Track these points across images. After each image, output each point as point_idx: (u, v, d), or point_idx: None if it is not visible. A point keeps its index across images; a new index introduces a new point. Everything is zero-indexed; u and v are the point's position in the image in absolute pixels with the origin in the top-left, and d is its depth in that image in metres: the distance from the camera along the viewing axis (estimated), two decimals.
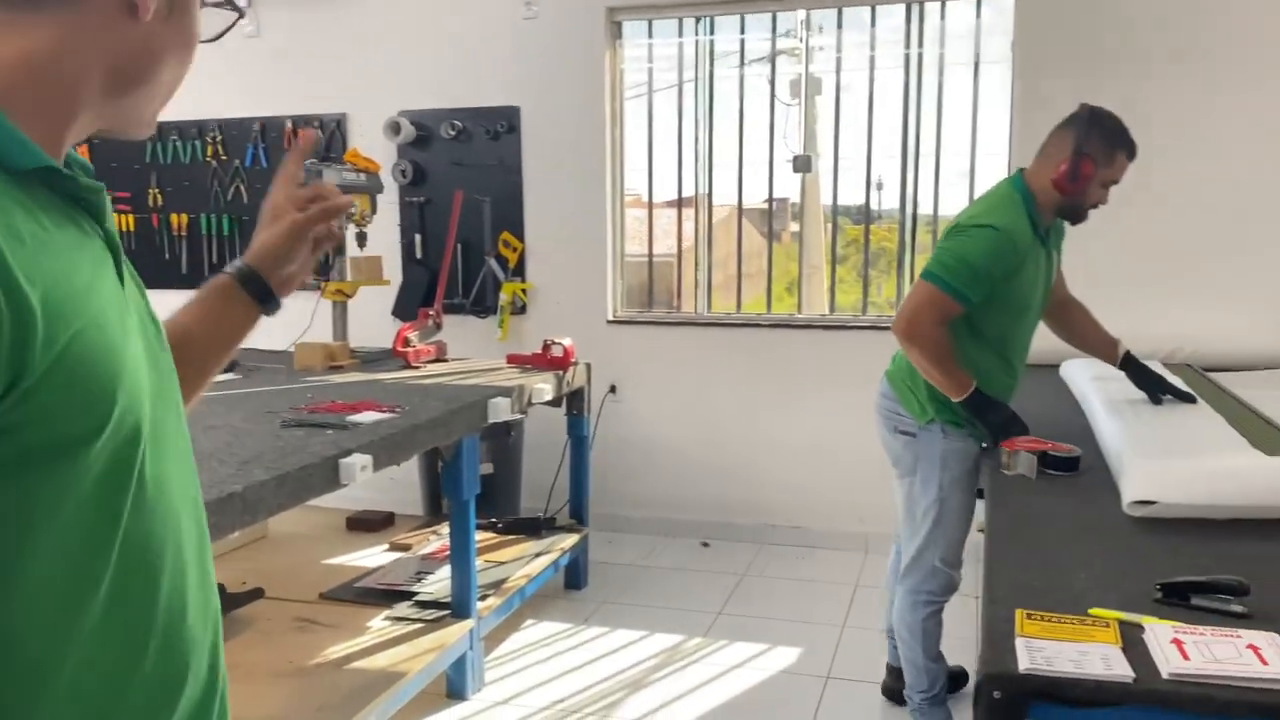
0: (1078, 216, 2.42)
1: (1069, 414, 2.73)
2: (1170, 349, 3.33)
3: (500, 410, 3.01)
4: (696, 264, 4.52)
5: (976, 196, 2.84)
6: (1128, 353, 2.59)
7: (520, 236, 4.52)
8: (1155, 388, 2.51)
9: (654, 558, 4.20)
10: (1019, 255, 2.31)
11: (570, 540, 3.70)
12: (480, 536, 3.63)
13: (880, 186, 4.32)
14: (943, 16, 4.09)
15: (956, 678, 2.92)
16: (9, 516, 0.64)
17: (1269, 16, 3.57)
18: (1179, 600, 1.38)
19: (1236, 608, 1.34)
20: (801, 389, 4.28)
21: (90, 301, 0.69)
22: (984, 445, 2.41)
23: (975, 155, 4.12)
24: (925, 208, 4.22)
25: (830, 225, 4.48)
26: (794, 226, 4.81)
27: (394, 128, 4.53)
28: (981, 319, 2.39)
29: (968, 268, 2.28)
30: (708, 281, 4.51)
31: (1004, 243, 2.28)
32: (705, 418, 4.39)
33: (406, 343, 3.64)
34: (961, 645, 3.22)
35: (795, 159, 4.28)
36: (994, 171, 4.09)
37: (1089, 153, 2.27)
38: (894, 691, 2.92)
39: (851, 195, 4.40)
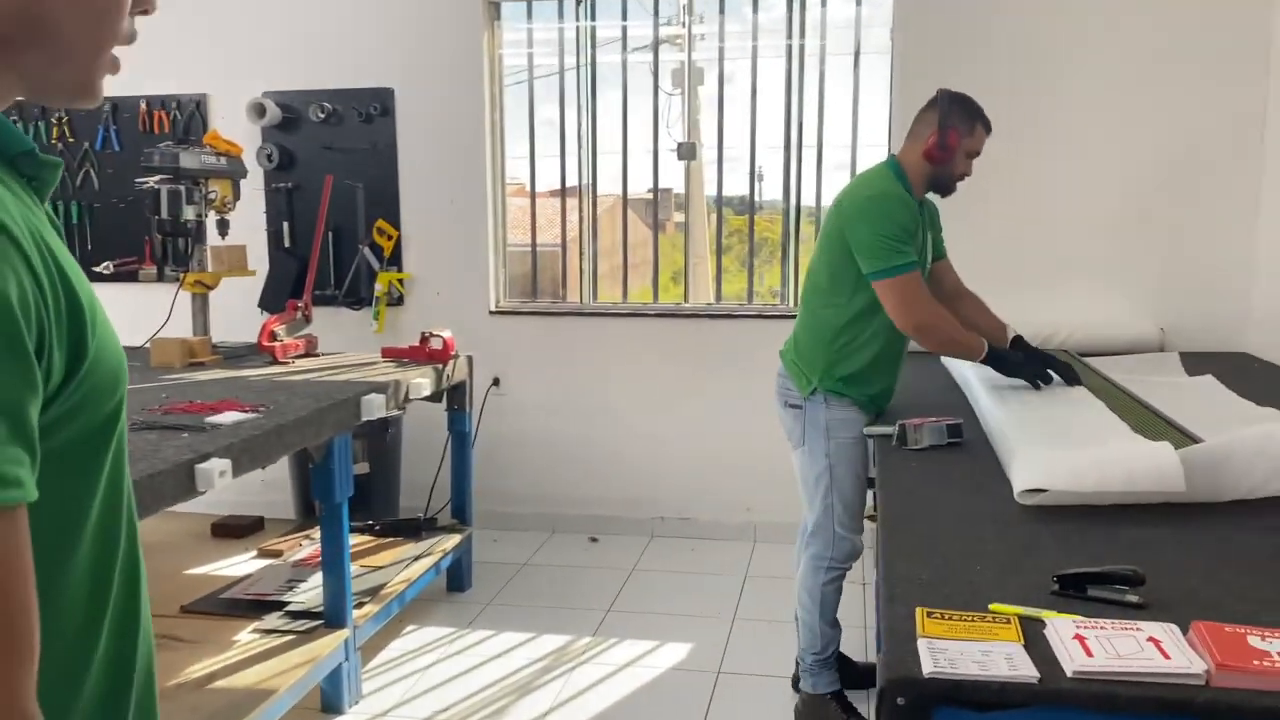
0: (947, 188, 2.60)
1: (955, 398, 2.74)
2: (1047, 334, 3.40)
3: (375, 407, 2.85)
4: (582, 253, 4.41)
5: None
6: (1017, 336, 2.71)
7: (396, 224, 4.33)
8: (1042, 369, 2.56)
9: (541, 555, 4.09)
10: (909, 210, 2.48)
11: (452, 541, 3.56)
12: (356, 540, 3.46)
13: (761, 178, 4.31)
14: (824, 5, 4.08)
15: (865, 674, 2.91)
16: (72, 495, 0.71)
17: (1138, 10, 3.67)
18: (1076, 592, 1.35)
19: (1132, 598, 1.32)
20: (689, 379, 4.23)
21: (87, 283, 0.72)
22: (880, 423, 2.50)
23: (856, 145, 4.14)
24: (808, 198, 4.22)
25: (715, 215, 4.43)
26: (678, 217, 4.77)
27: (258, 110, 4.27)
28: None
29: (890, 239, 2.41)
30: (593, 271, 4.42)
31: (895, 203, 2.46)
32: (592, 410, 4.30)
33: (273, 337, 3.43)
34: (856, 634, 3.23)
35: (680, 146, 4.23)
36: (875, 161, 4.12)
37: (953, 124, 2.50)
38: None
39: (735, 186, 4.38)
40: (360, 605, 2.95)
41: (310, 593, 2.98)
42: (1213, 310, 3.69)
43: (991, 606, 1.31)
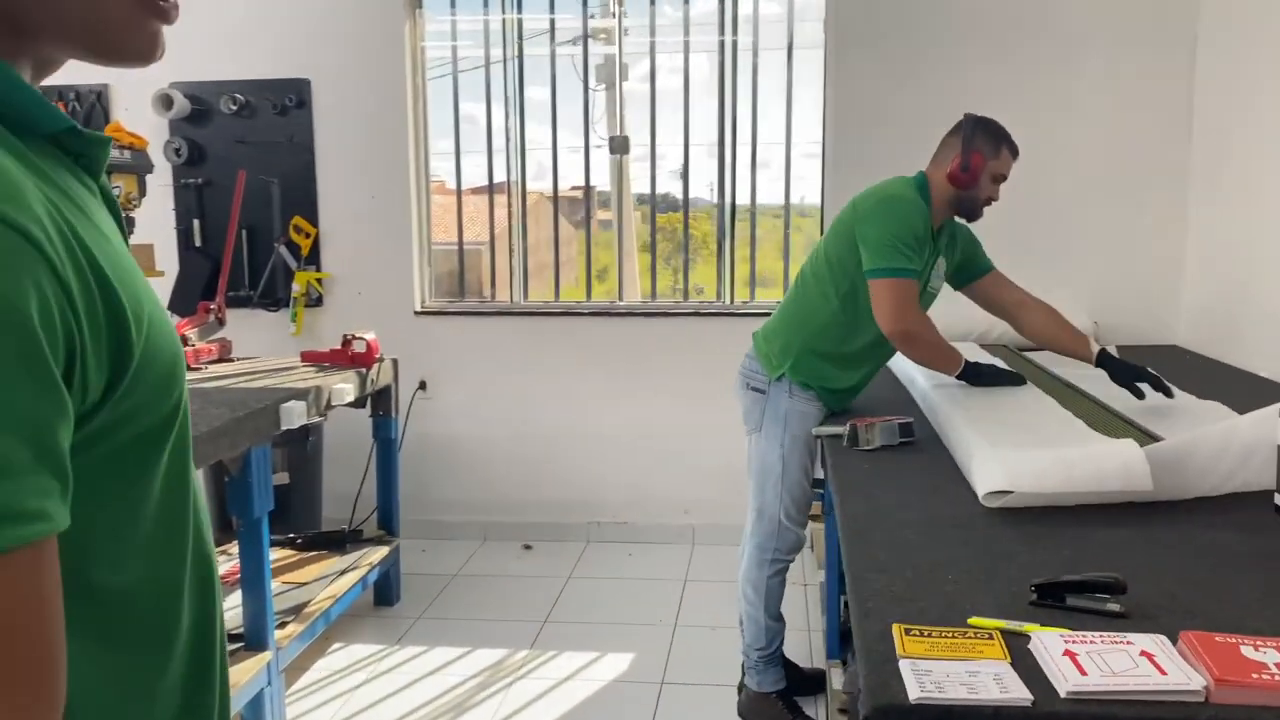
0: (973, 213, 2.53)
1: (899, 394, 2.69)
2: (983, 329, 3.38)
3: (294, 415, 2.68)
4: (511, 251, 4.27)
5: (793, 182, 2.90)
6: (1102, 350, 2.52)
7: (314, 221, 4.14)
8: (1132, 379, 2.42)
9: (473, 565, 3.95)
10: (926, 223, 2.42)
11: (379, 553, 3.39)
12: (277, 556, 3.28)
13: (683, 175, 4.21)
14: None
15: (818, 679, 2.86)
16: (128, 500, 0.67)
17: (1069, 7, 3.68)
18: (1054, 601, 1.28)
19: (1113, 606, 1.26)
20: (623, 379, 4.13)
21: (137, 275, 0.67)
22: (837, 419, 2.44)
23: (790, 142, 4.08)
24: (742, 196, 4.14)
25: (650, 212, 4.33)
26: (602, 215, 4.66)
27: (165, 101, 4.04)
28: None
29: (897, 242, 2.35)
30: (523, 269, 4.28)
31: (911, 208, 2.40)
32: (523, 413, 4.17)
33: (184, 341, 3.22)
34: (799, 637, 3.17)
35: (611, 140, 4.13)
36: (809, 158, 4.08)
37: (978, 148, 2.44)
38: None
39: (665, 183, 4.29)
40: (283, 625, 2.77)
41: (229, 613, 2.79)
42: (1144, 304, 3.72)
43: (971, 620, 1.23)
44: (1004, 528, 1.61)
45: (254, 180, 4.06)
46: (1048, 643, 1.14)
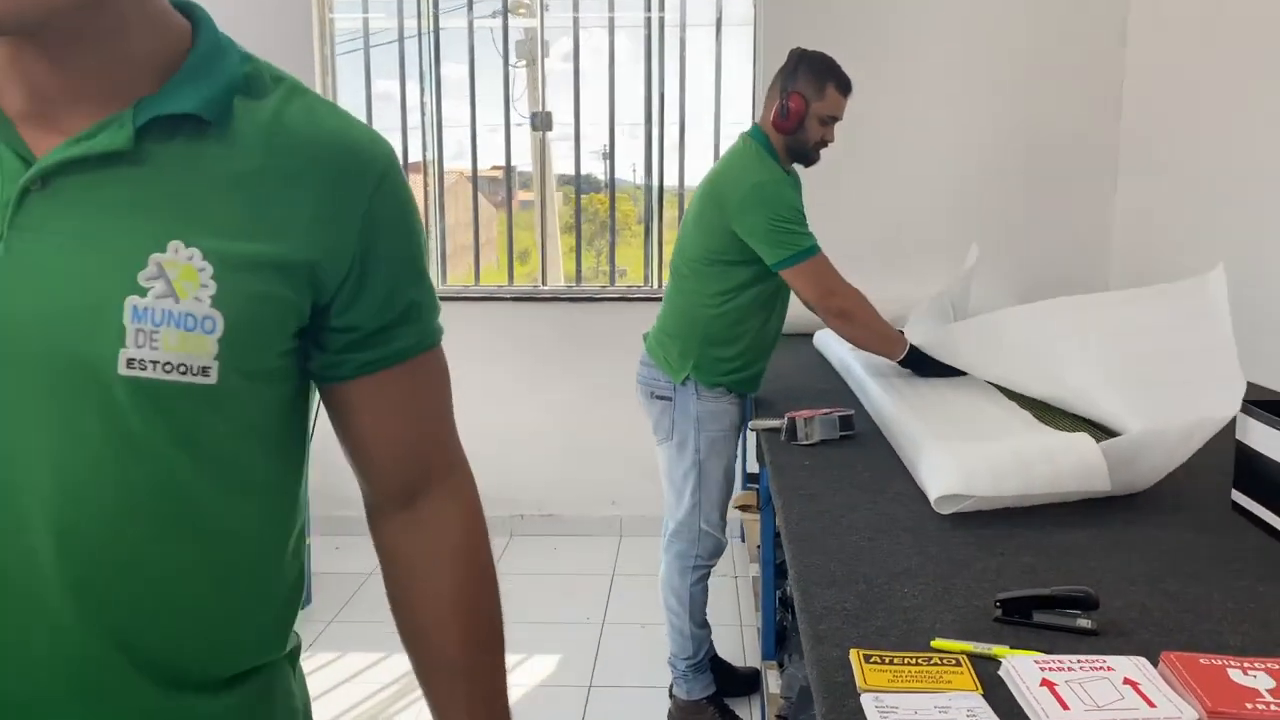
0: (806, 157, 2.42)
1: (834, 384, 2.59)
2: (909, 312, 3.31)
3: None
4: (429, 233, 4.07)
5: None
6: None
7: None
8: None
9: None
10: (794, 188, 2.35)
11: None
12: None
13: (608, 155, 4.06)
14: None
15: (749, 679, 2.77)
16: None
17: None
18: (1021, 618, 1.18)
19: (1084, 623, 1.16)
20: (547, 366, 3.97)
21: None
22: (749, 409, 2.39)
23: (720, 122, 3.95)
24: (670, 177, 4.00)
25: (574, 192, 4.17)
26: (523, 195, 4.48)
27: None
28: (756, 270, 2.35)
29: (787, 223, 2.25)
30: (440, 251, 4.08)
31: (781, 185, 2.31)
32: None
33: None
34: (731, 634, 3.07)
35: (534, 116, 3.95)
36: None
37: (797, 89, 2.32)
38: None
39: (589, 163, 4.13)
40: None
41: None
42: (1070, 286, 3.69)
43: (935, 643, 1.12)
44: (957, 530, 1.51)
45: None
46: (1022, 670, 1.03)
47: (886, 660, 1.08)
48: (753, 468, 2.60)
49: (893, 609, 1.23)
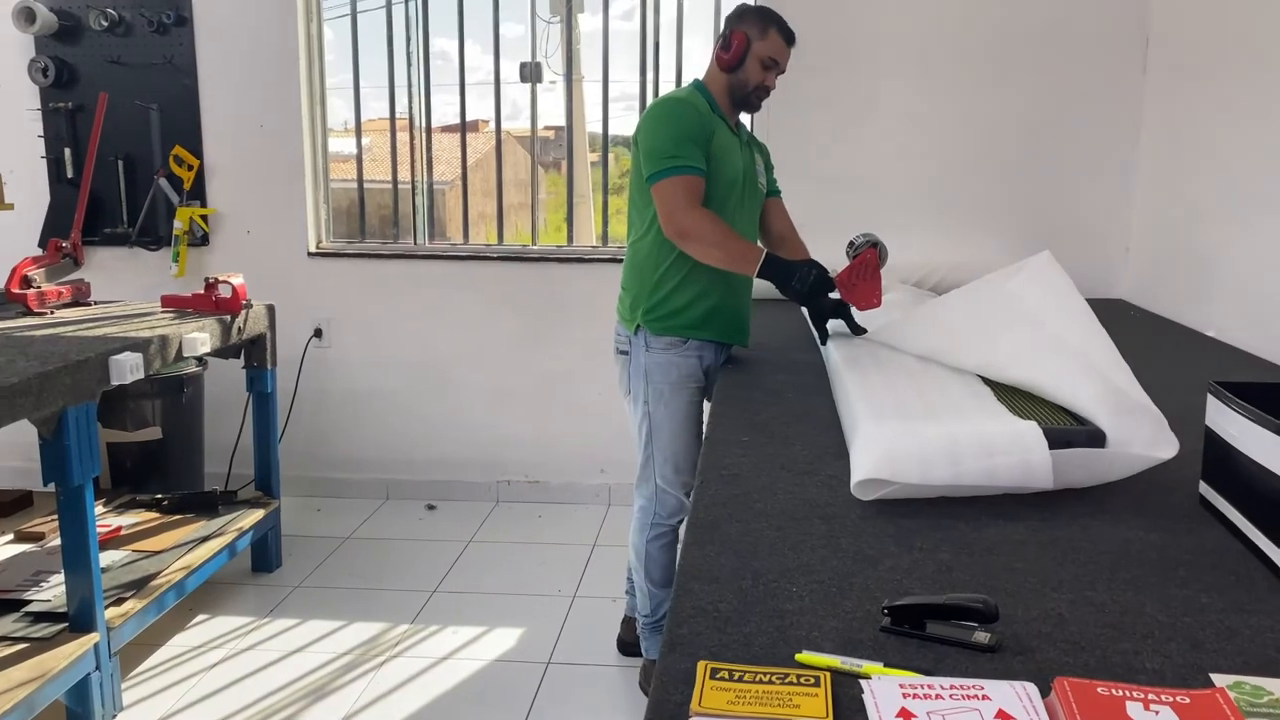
0: (748, 101, 2.36)
1: (811, 351, 2.43)
2: (921, 275, 3.14)
3: (127, 369, 2.37)
4: (415, 190, 3.94)
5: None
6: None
7: (197, 152, 3.77)
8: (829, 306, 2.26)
9: (369, 527, 3.67)
10: (702, 117, 2.24)
11: (254, 516, 3.11)
12: (137, 519, 2.99)
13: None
14: None
15: None
16: None
17: None
18: (911, 628, 1.02)
19: (982, 637, 1.00)
20: (537, 328, 3.84)
21: None
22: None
23: None
24: None
25: (616, 153, 4.00)
26: (561, 154, 4.32)
27: (26, 15, 3.63)
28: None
29: (668, 143, 2.19)
30: (428, 209, 3.95)
31: (681, 107, 2.24)
32: (429, 364, 3.87)
33: (26, 283, 2.89)
34: None
35: (523, 67, 3.77)
36: None
37: (742, 27, 2.29)
38: (625, 643, 2.76)
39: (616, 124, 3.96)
40: (120, 602, 2.49)
41: (60, 589, 2.51)
42: (1088, 256, 3.47)
43: (799, 656, 0.97)
44: (879, 520, 1.35)
45: (130, 106, 3.71)
46: (881, 695, 0.88)
47: (735, 676, 0.93)
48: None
49: (770, 612, 1.08)
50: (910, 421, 1.49)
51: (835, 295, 2.21)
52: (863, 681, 0.91)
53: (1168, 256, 3.19)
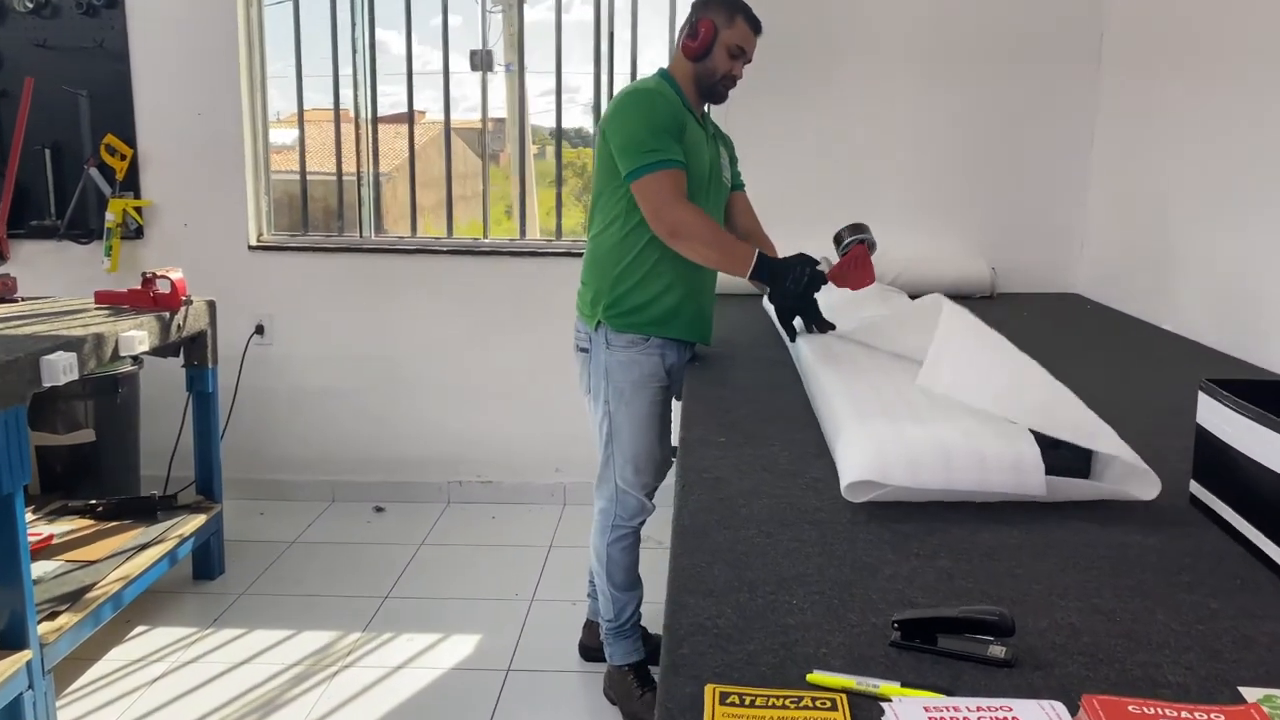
0: (714, 91, 2.29)
1: (778, 352, 2.39)
2: (878, 272, 3.10)
3: (60, 370, 2.24)
4: (361, 181, 3.81)
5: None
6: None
7: (130, 141, 3.60)
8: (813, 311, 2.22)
9: (316, 530, 3.55)
10: (675, 107, 2.18)
11: (195, 522, 2.97)
12: (72, 527, 2.85)
13: (593, 109, 3.81)
14: None
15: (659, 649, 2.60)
16: None
17: None
18: (923, 643, 0.98)
19: (998, 651, 0.96)
20: (488, 324, 3.74)
21: None
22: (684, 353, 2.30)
23: None
24: None
25: (561, 147, 3.91)
26: (508, 146, 4.22)
27: None
28: None
29: (645, 135, 2.12)
30: (374, 200, 3.83)
31: (650, 97, 2.17)
32: (376, 361, 3.75)
33: None
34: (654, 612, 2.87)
35: (473, 55, 3.67)
36: None
37: (709, 14, 2.24)
38: (587, 649, 2.69)
39: (577, 118, 3.90)
40: (53, 616, 2.36)
41: None
42: (1044, 251, 3.49)
43: (811, 677, 0.92)
44: (871, 525, 1.30)
45: (58, 92, 3.52)
46: (904, 714, 0.83)
47: (747, 700, 0.87)
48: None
49: (773, 628, 1.02)
50: (897, 422, 1.45)
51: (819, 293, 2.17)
52: (884, 704, 0.85)
53: (1122, 251, 3.22)
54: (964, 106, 3.42)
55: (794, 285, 2.11)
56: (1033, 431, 1.36)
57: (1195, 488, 1.37)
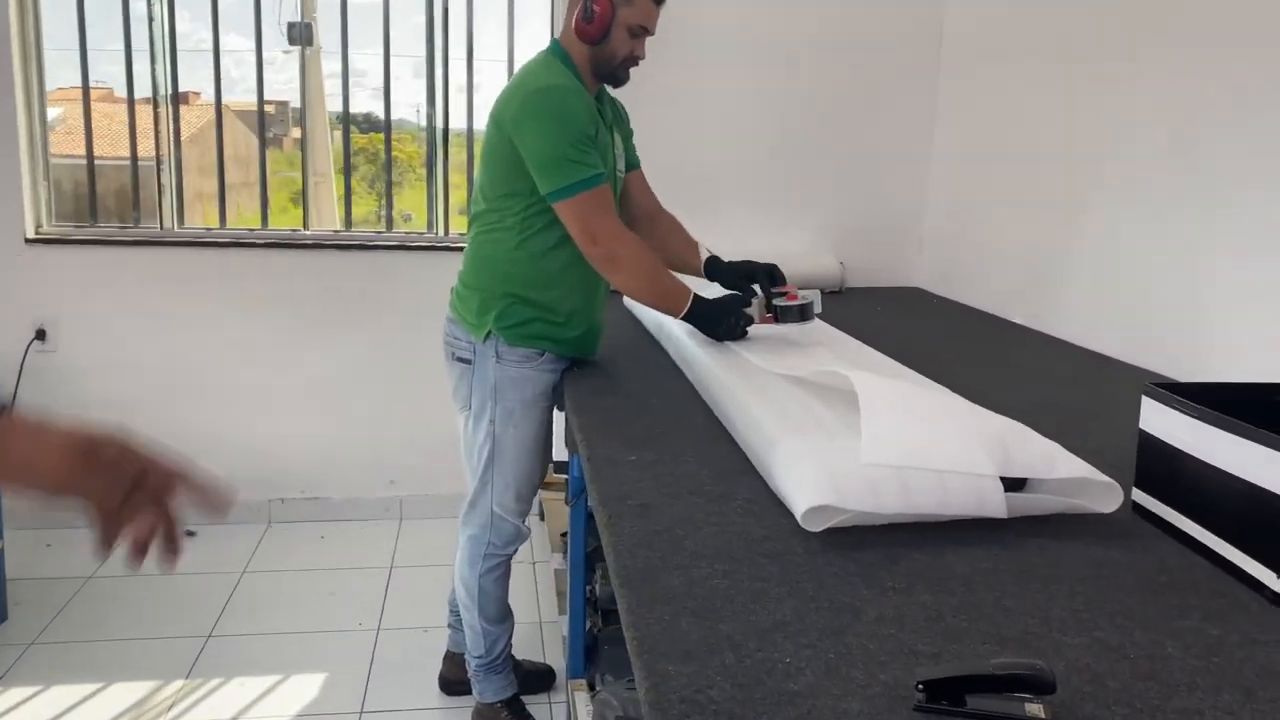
0: (614, 75, 2.07)
1: (652, 351, 2.25)
2: None
3: None
4: (160, 168, 3.38)
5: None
6: (712, 257, 2.22)
7: None
8: (745, 276, 2.14)
9: (114, 563, 3.11)
10: (586, 106, 1.96)
11: None
12: None
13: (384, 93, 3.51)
14: None
15: (542, 675, 2.46)
16: None
17: None
18: (950, 704, 0.85)
19: (1036, 709, 0.85)
20: (311, 324, 3.41)
21: None
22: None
23: (513, 61, 3.47)
24: (458, 119, 3.49)
25: (343, 131, 3.58)
26: (295, 132, 3.86)
27: None
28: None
29: (566, 148, 1.89)
30: (176, 189, 3.41)
31: (568, 96, 1.93)
32: (180, 369, 3.34)
33: None
34: (528, 631, 2.69)
35: (290, 27, 3.32)
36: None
37: None
38: (450, 682, 2.47)
39: (366, 102, 3.60)
40: None
41: None
42: (887, 246, 3.52)
43: None
44: (829, 554, 1.18)
45: None
46: None
47: None
48: (561, 454, 2.22)
49: (776, 697, 0.87)
50: (840, 440, 1.33)
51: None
52: None
53: (957, 246, 3.29)
54: (810, 106, 3.40)
55: (725, 334, 2.00)
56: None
57: (1140, 495, 1.33)
